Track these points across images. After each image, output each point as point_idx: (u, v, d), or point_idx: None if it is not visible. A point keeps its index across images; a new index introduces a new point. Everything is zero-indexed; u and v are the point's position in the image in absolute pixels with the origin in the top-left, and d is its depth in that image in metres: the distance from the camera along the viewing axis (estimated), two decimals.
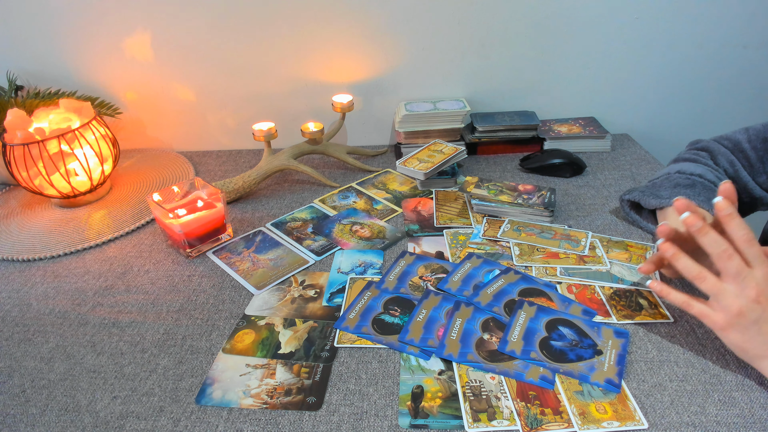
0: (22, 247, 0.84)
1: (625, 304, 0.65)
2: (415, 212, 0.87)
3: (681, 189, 0.70)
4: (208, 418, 0.53)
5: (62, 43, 1.04)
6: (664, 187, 0.74)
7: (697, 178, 0.72)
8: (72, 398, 0.56)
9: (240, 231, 0.85)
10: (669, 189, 0.72)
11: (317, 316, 0.66)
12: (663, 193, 0.71)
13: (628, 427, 0.50)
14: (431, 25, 1.00)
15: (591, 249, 0.75)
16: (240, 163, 1.09)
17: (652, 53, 1.04)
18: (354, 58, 1.04)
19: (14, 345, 0.64)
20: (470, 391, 0.54)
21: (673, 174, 0.75)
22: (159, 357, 0.61)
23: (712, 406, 0.52)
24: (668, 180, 0.75)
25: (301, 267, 0.75)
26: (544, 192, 0.85)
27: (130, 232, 0.87)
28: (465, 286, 0.68)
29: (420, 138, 1.03)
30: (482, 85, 1.08)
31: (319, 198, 0.94)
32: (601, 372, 0.55)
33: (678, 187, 0.71)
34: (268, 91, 1.09)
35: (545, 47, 1.03)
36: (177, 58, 1.05)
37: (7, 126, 0.87)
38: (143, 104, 1.11)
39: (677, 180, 0.73)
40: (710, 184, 0.71)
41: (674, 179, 0.74)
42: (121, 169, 1.08)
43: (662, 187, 0.74)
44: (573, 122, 1.09)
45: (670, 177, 0.75)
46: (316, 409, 0.53)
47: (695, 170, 0.73)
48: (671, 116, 1.13)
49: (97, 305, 0.70)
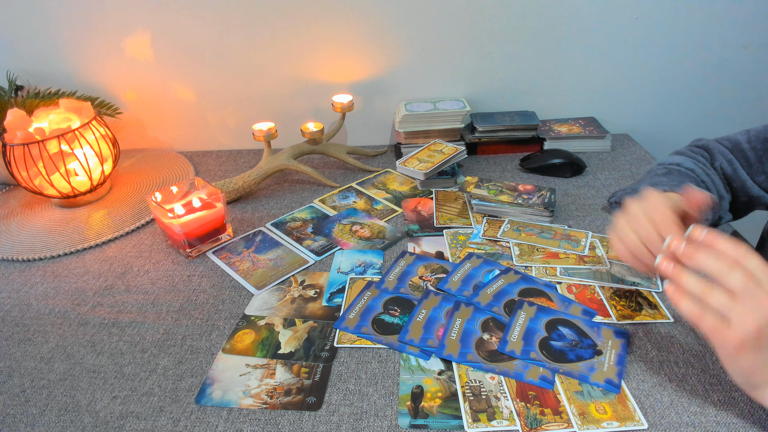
0: (22, 247, 0.84)
1: (625, 304, 0.65)
2: (415, 212, 0.87)
3: (657, 178, 0.70)
4: (208, 418, 0.53)
5: (62, 43, 1.04)
6: (643, 181, 0.74)
7: (674, 166, 0.72)
8: (72, 398, 0.56)
9: (240, 231, 0.85)
10: (647, 181, 0.72)
11: (317, 316, 0.66)
12: (640, 186, 0.71)
13: (627, 427, 0.50)
14: (431, 25, 1.00)
15: (591, 249, 0.75)
16: (240, 163, 1.09)
17: (652, 53, 1.04)
18: (354, 58, 1.04)
19: (14, 345, 0.65)
20: (470, 391, 0.54)
21: (654, 167, 0.76)
22: (159, 357, 0.61)
23: (712, 406, 0.52)
24: (648, 174, 0.75)
25: (301, 267, 0.75)
26: (544, 192, 0.85)
27: (130, 232, 0.87)
28: (465, 286, 0.68)
29: (420, 138, 1.03)
30: (482, 85, 1.08)
31: (319, 198, 0.94)
32: (600, 372, 0.55)
33: (655, 176, 0.71)
34: (268, 91, 1.09)
35: (545, 47, 1.03)
36: (177, 58, 1.05)
37: (7, 126, 0.87)
38: (143, 104, 1.11)
39: (655, 171, 0.74)
40: (687, 171, 0.70)
41: (653, 171, 0.74)
42: (121, 169, 1.08)
43: (642, 182, 0.74)
44: (573, 122, 1.09)
45: (651, 171, 0.76)
46: (316, 409, 0.53)
47: (674, 160, 0.73)
48: (671, 116, 1.13)
49: (97, 305, 0.70)
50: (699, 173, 0.70)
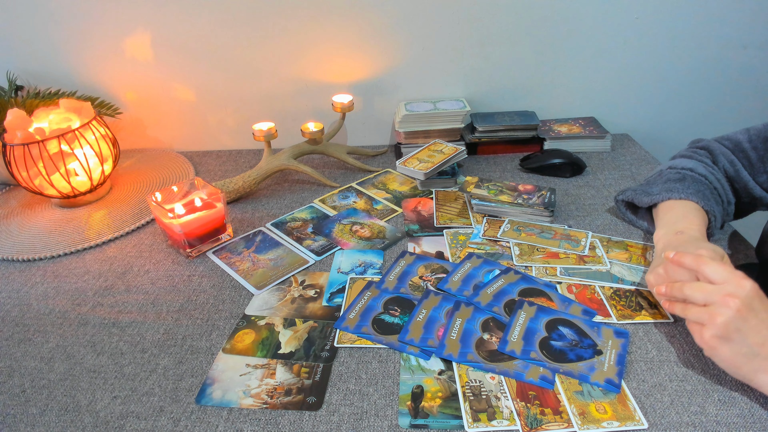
0: (22, 247, 0.84)
1: (625, 304, 0.65)
2: (415, 212, 0.87)
3: (671, 183, 0.71)
4: (208, 418, 0.53)
5: (62, 43, 1.04)
6: (655, 183, 0.75)
7: (687, 171, 0.73)
8: (72, 398, 0.56)
9: (240, 231, 0.85)
10: (660, 185, 0.73)
11: (317, 316, 0.66)
12: (654, 189, 0.73)
13: (628, 427, 0.50)
14: (431, 25, 1.00)
15: (591, 249, 0.75)
16: (240, 163, 1.09)
17: (652, 53, 1.04)
18: (354, 58, 1.04)
19: (14, 345, 0.64)
20: (470, 391, 0.54)
21: (665, 170, 0.77)
22: (159, 357, 0.61)
23: (712, 406, 0.52)
24: (660, 176, 0.76)
25: (301, 267, 0.75)
26: (544, 192, 0.85)
27: (130, 232, 0.87)
28: (465, 286, 0.68)
29: (420, 138, 1.03)
30: (482, 85, 1.08)
31: (319, 198, 0.94)
32: (601, 372, 0.55)
33: (669, 182, 0.72)
34: (268, 91, 1.09)
35: (545, 47, 1.03)
36: (177, 58, 1.05)
37: (7, 126, 0.87)
38: (143, 104, 1.11)
39: (668, 175, 0.74)
40: (700, 178, 0.72)
41: (665, 175, 0.75)
42: (121, 169, 1.08)
43: (654, 183, 0.75)
44: (573, 122, 1.09)
45: (662, 173, 0.77)
46: (316, 409, 0.53)
47: (686, 164, 0.74)
48: (671, 116, 1.13)
49: (97, 305, 0.70)
50: (711, 180, 0.71)
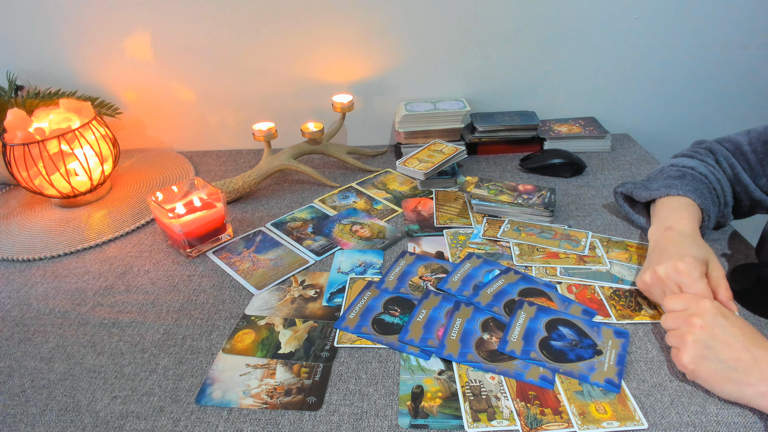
0: (22, 247, 0.84)
1: (625, 304, 0.65)
2: (415, 212, 0.87)
3: (671, 180, 0.71)
4: (208, 418, 0.53)
5: (62, 43, 1.04)
6: (656, 179, 0.75)
7: (688, 170, 0.73)
8: (72, 398, 0.56)
9: (240, 231, 0.85)
10: (660, 181, 0.73)
11: (317, 316, 0.66)
12: (653, 185, 0.73)
13: (628, 427, 0.50)
14: (431, 25, 1.00)
15: (591, 249, 0.75)
16: (240, 163, 1.09)
17: (652, 53, 1.04)
18: (354, 58, 1.04)
19: (14, 345, 0.65)
20: (470, 391, 0.54)
21: (666, 167, 0.77)
22: (159, 357, 0.61)
23: (712, 406, 0.52)
24: (661, 173, 0.76)
25: (301, 267, 0.75)
26: (544, 192, 0.85)
27: (130, 232, 0.87)
28: (465, 286, 0.68)
29: (420, 138, 1.03)
30: (482, 85, 1.08)
31: (319, 198, 0.94)
32: (601, 372, 0.55)
33: (668, 179, 0.72)
34: (268, 91, 1.09)
35: (545, 47, 1.03)
36: (177, 58, 1.05)
37: (7, 126, 0.87)
38: (143, 104, 1.11)
39: (669, 172, 0.75)
40: (701, 177, 0.72)
41: (666, 172, 0.75)
42: (121, 169, 1.08)
43: (654, 179, 0.75)
44: (573, 122, 1.09)
45: (663, 170, 0.77)
46: (316, 409, 0.53)
47: (687, 163, 0.74)
48: (671, 116, 1.13)
49: (97, 305, 0.70)
50: (711, 180, 0.71)
